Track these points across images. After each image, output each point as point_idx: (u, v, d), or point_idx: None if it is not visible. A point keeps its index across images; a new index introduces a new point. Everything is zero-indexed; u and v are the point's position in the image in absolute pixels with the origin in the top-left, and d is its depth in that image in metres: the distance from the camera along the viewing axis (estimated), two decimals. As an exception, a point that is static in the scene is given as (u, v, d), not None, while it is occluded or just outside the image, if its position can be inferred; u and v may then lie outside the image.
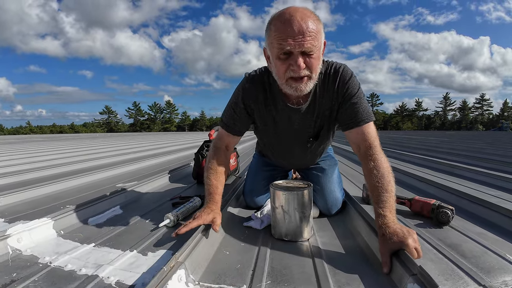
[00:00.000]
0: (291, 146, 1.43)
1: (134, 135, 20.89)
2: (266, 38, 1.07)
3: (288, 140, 1.39)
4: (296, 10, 0.99)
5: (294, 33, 0.97)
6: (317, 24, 1.00)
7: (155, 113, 67.47)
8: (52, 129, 67.35)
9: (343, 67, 1.19)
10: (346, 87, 1.17)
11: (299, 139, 1.38)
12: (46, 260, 0.98)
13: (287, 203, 1.13)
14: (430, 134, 16.32)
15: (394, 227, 0.93)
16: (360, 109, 1.17)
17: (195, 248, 0.93)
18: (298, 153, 1.46)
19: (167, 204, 1.70)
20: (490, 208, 1.41)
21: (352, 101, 1.17)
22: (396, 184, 1.08)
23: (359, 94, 1.18)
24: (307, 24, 0.97)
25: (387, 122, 65.43)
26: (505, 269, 0.90)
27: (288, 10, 1.00)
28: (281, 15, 1.00)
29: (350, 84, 1.17)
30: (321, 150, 1.51)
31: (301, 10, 1.00)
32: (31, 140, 12.10)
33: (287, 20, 0.98)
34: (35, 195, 1.89)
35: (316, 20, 1.01)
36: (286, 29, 0.97)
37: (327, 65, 1.20)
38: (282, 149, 1.47)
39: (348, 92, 1.17)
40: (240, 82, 1.29)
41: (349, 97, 1.18)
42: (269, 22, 1.05)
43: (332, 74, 1.19)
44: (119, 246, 1.10)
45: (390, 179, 1.06)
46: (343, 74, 1.18)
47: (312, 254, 1.04)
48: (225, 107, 1.34)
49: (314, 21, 0.99)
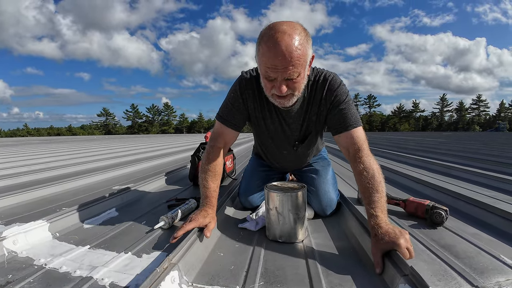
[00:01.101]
0: (281, 147, 1.47)
1: (132, 137, 20.85)
2: (256, 53, 1.09)
3: (278, 141, 1.44)
4: (283, 35, 0.99)
5: (278, 63, 1.01)
6: (303, 47, 1.02)
7: (153, 115, 67.43)
8: (49, 131, 67.27)
9: (332, 75, 1.26)
10: (335, 95, 1.23)
11: (287, 141, 1.43)
12: (41, 262, 0.98)
13: (281, 205, 1.14)
14: (427, 135, 16.38)
15: (386, 227, 0.93)
16: (349, 115, 1.22)
17: (189, 250, 0.93)
18: (287, 154, 1.50)
19: (163, 206, 1.70)
20: (485, 209, 1.42)
21: (340, 107, 1.23)
22: (393, 185, 1.09)
23: (348, 101, 1.24)
24: (291, 54, 0.99)
25: (385, 123, 65.64)
26: (499, 270, 0.90)
27: (275, 35, 0.99)
28: (269, 39, 1.01)
29: (338, 91, 1.23)
30: (310, 153, 1.55)
31: (287, 34, 0.99)
32: (28, 143, 12.07)
33: (273, 48, 0.99)
34: (32, 197, 1.89)
35: (302, 41, 1.02)
36: (271, 58, 1.01)
37: (317, 72, 1.26)
38: (273, 150, 1.52)
39: (337, 99, 1.23)
40: (237, 78, 1.33)
41: (337, 103, 1.23)
42: (258, 40, 1.06)
43: (321, 82, 1.25)
44: (114, 248, 1.10)
45: (380, 180, 1.08)
46: (331, 83, 1.24)
47: (306, 255, 1.04)
48: (220, 106, 1.37)
49: (300, 45, 1.00)
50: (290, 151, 1.47)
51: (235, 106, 1.32)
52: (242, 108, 1.33)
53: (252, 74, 1.30)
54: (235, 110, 1.32)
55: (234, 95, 1.31)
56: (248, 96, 1.30)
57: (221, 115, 1.34)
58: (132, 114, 66.40)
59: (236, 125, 1.34)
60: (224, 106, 1.34)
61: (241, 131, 1.39)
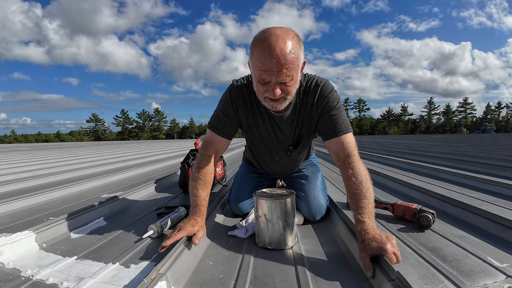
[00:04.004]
0: (274, 153, 1.47)
1: (122, 143, 20.65)
2: (250, 57, 1.10)
3: (271, 146, 1.44)
4: (277, 39, 1.01)
5: (272, 66, 1.02)
6: (296, 52, 1.03)
7: (144, 121, 67.01)
8: (37, 137, 66.32)
9: (324, 81, 1.27)
10: (326, 101, 1.24)
11: (280, 147, 1.43)
12: (28, 273, 0.97)
13: (270, 212, 1.14)
14: (416, 138, 16.60)
15: (373, 232, 0.94)
16: (339, 121, 1.23)
17: (177, 259, 0.93)
18: (279, 160, 1.51)
19: (153, 214, 1.69)
20: (472, 211, 1.44)
21: (331, 113, 1.24)
22: (381, 189, 1.10)
23: (339, 107, 1.25)
24: (285, 57, 1.00)
25: (374, 127, 66.49)
26: (486, 272, 0.91)
27: (269, 38, 1.01)
28: (263, 42, 1.02)
29: (329, 98, 1.24)
30: (302, 158, 1.56)
31: (281, 38, 1.01)
32: (16, 149, 11.86)
33: (267, 51, 1.01)
34: (18, 207, 1.85)
35: (295, 45, 1.04)
36: (266, 61, 1.02)
37: (309, 78, 1.27)
38: (266, 156, 1.51)
39: (328, 105, 1.24)
40: (228, 87, 1.34)
41: (328, 109, 1.24)
42: (252, 43, 1.08)
43: (313, 87, 1.26)
44: (101, 259, 1.08)
45: (368, 186, 1.09)
46: (323, 89, 1.25)
47: (295, 262, 1.04)
48: (212, 114, 1.37)
49: (293, 49, 1.02)
50: (283, 156, 1.48)
51: (226, 114, 1.32)
52: (233, 116, 1.33)
53: (243, 82, 1.31)
54: (226, 118, 1.32)
55: (225, 104, 1.32)
56: (239, 104, 1.31)
57: (213, 124, 1.34)
58: (122, 120, 65.97)
59: (227, 133, 1.34)
60: (215, 115, 1.34)
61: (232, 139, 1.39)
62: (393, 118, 66.88)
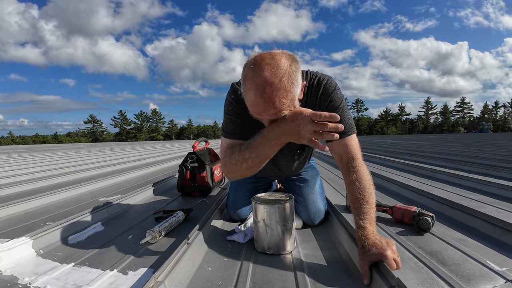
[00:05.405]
0: (280, 157, 1.37)
1: (120, 144, 20.59)
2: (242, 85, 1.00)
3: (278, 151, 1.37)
4: (265, 85, 0.90)
5: (263, 113, 0.95)
6: (288, 93, 0.93)
7: (142, 122, 66.83)
8: (34, 139, 66.11)
9: (327, 79, 1.19)
10: (329, 100, 1.17)
11: (288, 151, 1.36)
12: (25, 281, 0.96)
13: (268, 217, 1.13)
14: (414, 138, 16.63)
15: (373, 238, 0.94)
16: (343, 122, 1.13)
17: (176, 266, 0.92)
18: (285, 163, 1.45)
19: (151, 218, 1.68)
20: (470, 214, 1.44)
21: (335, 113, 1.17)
22: (380, 190, 1.09)
23: (342, 107, 1.17)
24: (275, 104, 0.91)
25: (372, 127, 66.58)
26: (485, 276, 0.91)
27: (258, 81, 0.91)
28: (252, 86, 0.93)
29: (333, 96, 1.17)
30: (306, 160, 1.53)
31: (269, 83, 0.90)
32: (13, 151, 11.80)
33: (255, 99, 0.93)
34: (15, 211, 1.84)
35: (287, 84, 0.92)
36: (256, 108, 0.95)
37: (311, 76, 1.19)
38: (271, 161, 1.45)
39: (331, 104, 1.16)
40: (229, 90, 1.25)
41: (332, 109, 1.16)
42: (243, 75, 0.99)
43: (315, 85, 1.18)
44: (99, 266, 1.07)
45: (371, 191, 1.07)
46: (326, 87, 1.17)
47: (295, 267, 1.04)
48: (222, 124, 1.28)
49: (285, 91, 0.92)
50: (290, 159, 1.43)
51: (237, 116, 1.21)
52: (245, 116, 1.18)
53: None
54: (240, 121, 1.21)
55: (232, 107, 1.22)
56: (242, 107, 1.19)
57: (226, 131, 1.23)
58: (120, 121, 65.74)
59: (244, 134, 1.20)
60: (226, 121, 1.25)
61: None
62: (391, 118, 67.02)
